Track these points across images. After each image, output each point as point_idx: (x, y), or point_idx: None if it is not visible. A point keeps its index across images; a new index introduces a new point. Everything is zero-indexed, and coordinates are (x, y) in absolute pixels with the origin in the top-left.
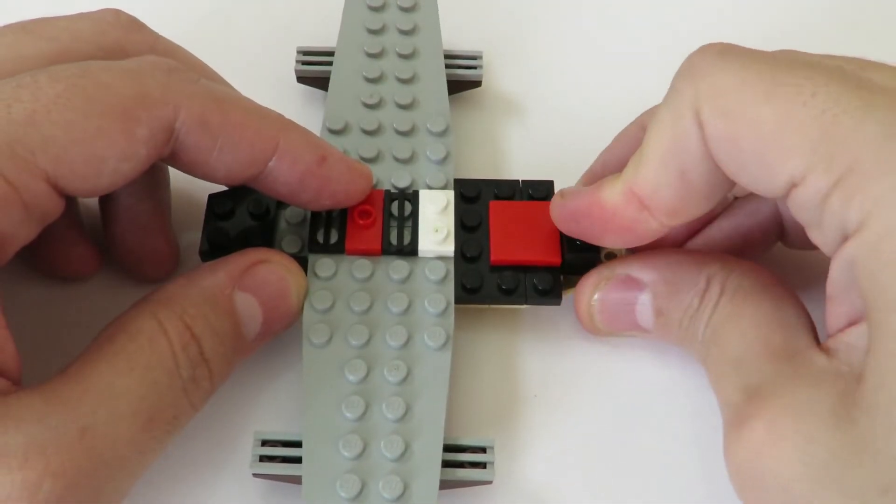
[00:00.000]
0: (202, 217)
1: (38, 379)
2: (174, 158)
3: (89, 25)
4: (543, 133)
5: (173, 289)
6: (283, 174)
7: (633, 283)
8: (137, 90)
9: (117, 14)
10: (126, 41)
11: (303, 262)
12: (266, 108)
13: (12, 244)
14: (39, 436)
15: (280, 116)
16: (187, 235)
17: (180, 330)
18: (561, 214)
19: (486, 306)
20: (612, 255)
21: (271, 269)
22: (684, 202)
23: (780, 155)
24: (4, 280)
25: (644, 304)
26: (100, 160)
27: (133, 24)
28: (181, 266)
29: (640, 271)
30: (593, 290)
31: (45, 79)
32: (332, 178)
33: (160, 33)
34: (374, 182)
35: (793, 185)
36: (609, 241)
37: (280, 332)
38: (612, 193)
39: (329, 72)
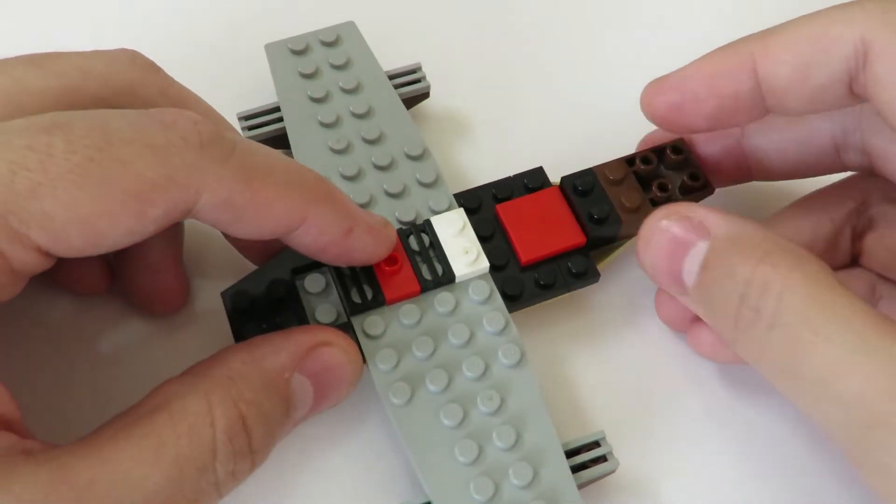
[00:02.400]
0: (214, 250)
1: (45, 396)
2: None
3: (102, 64)
4: (492, 139)
5: (234, 366)
6: (307, 242)
7: (700, 229)
8: (160, 172)
9: (134, 55)
10: (138, 83)
11: (343, 329)
12: (301, 174)
13: None
14: None
15: (315, 184)
16: (197, 268)
17: (232, 419)
18: (654, 92)
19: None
20: (678, 151)
21: (333, 354)
22: (792, 89)
23: None
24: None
25: (697, 253)
26: (100, 237)
27: (149, 67)
28: (189, 303)
29: (714, 222)
30: (661, 218)
31: (60, 146)
32: (356, 248)
33: None
34: None
35: None
36: (708, 108)
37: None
38: (726, 52)
39: (279, 129)
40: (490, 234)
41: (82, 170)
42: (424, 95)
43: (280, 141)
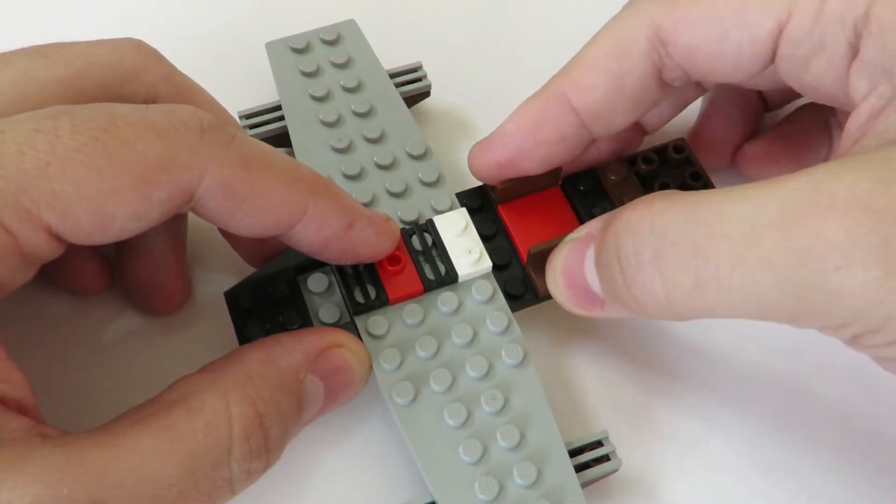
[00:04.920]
0: (217, 248)
1: (48, 393)
2: (193, 211)
3: (107, 51)
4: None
5: (251, 365)
6: (308, 237)
7: (586, 239)
8: (162, 152)
9: (138, 43)
10: (142, 69)
11: (346, 329)
12: (299, 168)
13: (7, 289)
14: (47, 501)
15: (313, 178)
16: (199, 265)
17: (249, 418)
18: (481, 152)
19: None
20: (679, 150)
21: (344, 356)
22: (612, 106)
23: (762, 3)
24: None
25: (590, 258)
26: (108, 219)
27: (152, 55)
28: (191, 300)
29: (593, 225)
30: (559, 256)
31: (66, 127)
32: (358, 242)
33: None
34: None
35: (780, 28)
36: (539, 155)
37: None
38: (539, 98)
39: (280, 128)
40: (492, 234)
41: (89, 149)
42: (425, 94)
43: (281, 140)
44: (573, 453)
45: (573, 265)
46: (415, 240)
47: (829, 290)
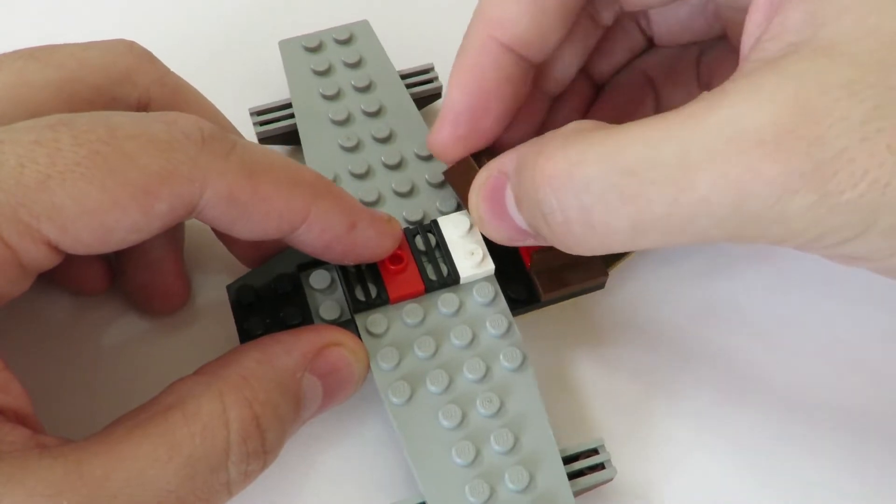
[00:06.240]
0: (216, 249)
1: (47, 395)
2: (195, 217)
3: (99, 53)
4: None
5: (247, 366)
6: (311, 239)
7: (501, 177)
8: (164, 166)
9: (130, 45)
10: (135, 71)
11: (346, 326)
12: (300, 171)
13: (5, 299)
14: None
15: (315, 181)
16: (199, 266)
17: (246, 420)
18: (436, 131)
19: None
20: None
21: (342, 354)
22: (542, 28)
23: None
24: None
25: (510, 198)
26: (108, 232)
27: (145, 56)
28: (190, 301)
29: (503, 163)
30: (478, 193)
31: (66, 140)
32: (359, 243)
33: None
34: None
35: None
36: (493, 108)
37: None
38: (467, 53)
39: (290, 125)
40: None
41: (90, 162)
42: (436, 95)
43: (291, 137)
44: (568, 460)
45: (496, 204)
46: (418, 240)
47: (770, 220)
